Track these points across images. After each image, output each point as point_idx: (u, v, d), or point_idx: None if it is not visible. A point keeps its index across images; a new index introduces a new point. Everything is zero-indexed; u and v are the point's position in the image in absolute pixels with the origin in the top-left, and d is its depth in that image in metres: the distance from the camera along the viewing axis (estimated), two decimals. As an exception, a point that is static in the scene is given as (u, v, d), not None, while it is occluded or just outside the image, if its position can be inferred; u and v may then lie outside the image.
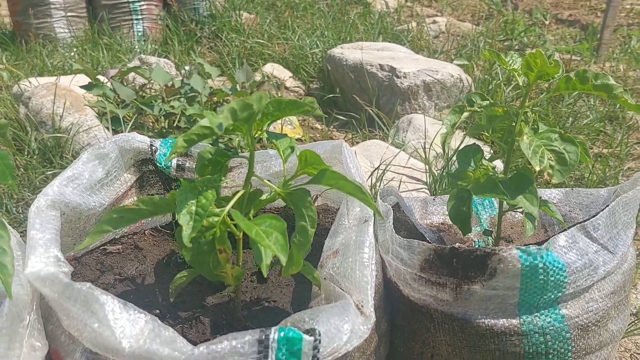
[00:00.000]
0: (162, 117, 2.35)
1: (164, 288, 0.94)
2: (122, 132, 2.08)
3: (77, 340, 0.73)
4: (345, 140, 2.66)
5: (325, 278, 0.87)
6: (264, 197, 0.84)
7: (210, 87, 2.51)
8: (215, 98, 2.48)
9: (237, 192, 0.80)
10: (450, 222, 1.11)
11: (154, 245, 1.00)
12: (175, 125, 2.35)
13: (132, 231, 1.01)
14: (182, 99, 2.47)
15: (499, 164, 2.20)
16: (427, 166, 1.98)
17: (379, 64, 2.55)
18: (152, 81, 2.58)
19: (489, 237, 1.07)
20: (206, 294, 0.94)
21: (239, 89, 2.59)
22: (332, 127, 2.67)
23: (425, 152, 2.00)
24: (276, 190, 0.80)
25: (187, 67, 3.08)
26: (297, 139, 2.56)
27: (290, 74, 3.08)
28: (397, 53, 2.73)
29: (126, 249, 0.97)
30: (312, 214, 0.77)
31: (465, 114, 0.89)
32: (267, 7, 4.21)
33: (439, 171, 2.05)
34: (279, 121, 2.54)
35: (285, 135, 0.84)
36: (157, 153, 0.96)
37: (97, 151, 0.92)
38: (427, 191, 1.94)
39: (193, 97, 2.51)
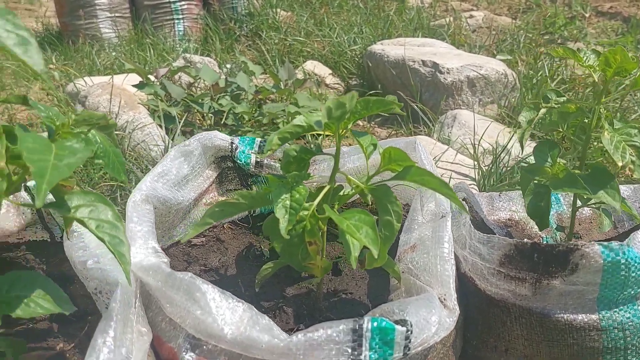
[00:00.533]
0: (210, 115, 2.40)
1: (246, 279, 0.98)
2: (174, 129, 2.14)
3: (180, 326, 0.77)
4: (390, 137, 2.68)
5: (403, 272, 0.90)
6: (346, 192, 0.87)
7: (255, 85, 2.56)
8: (260, 96, 2.52)
9: (323, 187, 0.83)
10: (517, 218, 1.13)
11: (233, 238, 1.04)
12: (222, 122, 2.40)
13: (211, 224, 1.05)
14: (227, 97, 2.53)
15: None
16: (475, 162, 1.99)
17: (422, 60, 2.57)
18: (198, 79, 2.64)
19: (557, 234, 1.08)
20: (285, 284, 0.98)
21: (282, 87, 2.64)
22: (373, 123, 2.69)
23: (474, 148, 2.00)
24: (360, 186, 0.83)
25: (228, 66, 3.14)
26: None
27: (330, 71, 3.11)
28: (438, 49, 2.74)
29: (209, 241, 1.01)
30: (397, 209, 0.80)
31: (543, 111, 0.91)
32: (301, 4, 4.24)
33: (486, 167, 2.06)
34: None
35: (367, 133, 0.87)
36: (237, 150, 1.00)
37: (182, 149, 0.97)
38: (476, 187, 1.95)
39: (237, 95, 2.56)
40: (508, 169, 2.03)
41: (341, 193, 0.89)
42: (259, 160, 1.01)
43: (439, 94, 2.51)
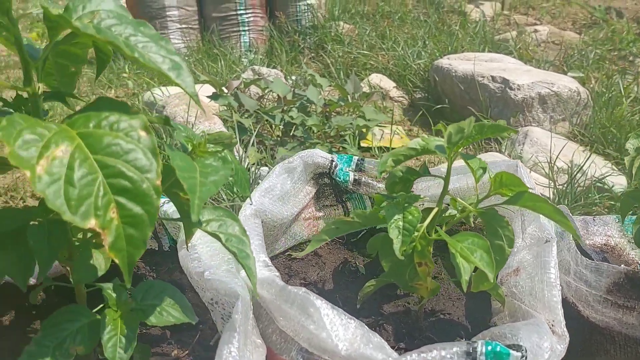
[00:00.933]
0: (280, 127, 2.45)
1: (343, 294, 1.00)
2: (248, 140, 2.19)
3: (292, 339, 0.80)
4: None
5: (507, 295, 0.91)
6: (452, 214, 0.88)
7: (324, 98, 2.60)
8: (328, 109, 2.56)
9: (431, 209, 0.85)
10: (613, 244, 1.11)
11: (330, 253, 1.06)
12: (291, 134, 2.45)
13: (308, 238, 1.08)
14: (295, 109, 2.58)
15: (619, 180, 2.14)
16: (550, 182, 1.96)
17: (491, 76, 2.55)
18: (268, 92, 2.70)
19: (655, 260, 1.06)
20: (382, 302, 1.00)
21: (349, 100, 2.66)
22: (440, 137, 2.68)
23: (550, 167, 1.98)
24: (470, 209, 0.84)
25: (293, 77, 3.19)
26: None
27: (394, 84, 3.12)
28: (507, 64, 2.71)
29: (307, 255, 1.04)
30: (509, 233, 0.81)
31: (654, 139, 0.90)
32: (363, 17, 4.28)
33: (560, 186, 2.02)
34: (388, 131, 2.59)
35: (475, 156, 0.88)
36: (336, 168, 1.03)
37: (286, 165, 1.00)
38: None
39: (305, 107, 2.60)
40: (584, 189, 1.99)
41: (446, 214, 0.91)
42: (356, 177, 1.04)
43: (509, 110, 2.49)
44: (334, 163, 1.03)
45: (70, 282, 0.83)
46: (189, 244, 0.87)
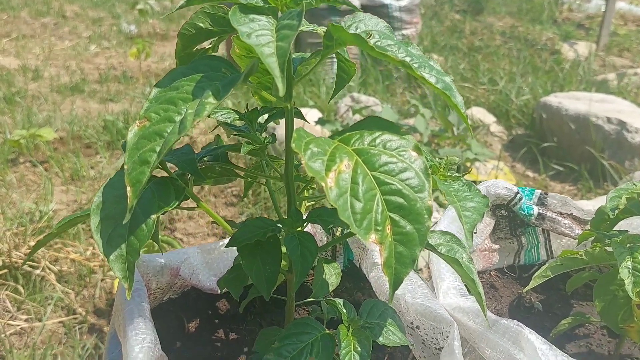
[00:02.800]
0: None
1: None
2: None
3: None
4: (564, 193, 2.60)
5: None
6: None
7: (431, 129, 2.59)
8: (436, 140, 2.55)
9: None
10: None
11: (504, 286, 1.04)
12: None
13: (481, 270, 1.07)
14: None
15: None
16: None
17: (606, 117, 2.48)
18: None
19: None
20: (563, 341, 0.96)
21: (455, 132, 2.65)
22: (545, 175, 2.62)
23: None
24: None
25: (390, 107, 3.21)
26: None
27: (494, 119, 3.09)
28: (621, 106, 2.64)
29: (484, 286, 1.02)
30: None
31: None
32: (451, 49, 4.28)
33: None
34: (491, 167, 2.55)
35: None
36: (521, 200, 1.01)
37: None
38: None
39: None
40: None
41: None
42: (541, 212, 1.02)
43: (623, 153, 2.41)
44: (518, 195, 1.01)
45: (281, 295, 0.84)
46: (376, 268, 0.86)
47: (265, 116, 0.78)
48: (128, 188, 0.58)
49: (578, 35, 4.87)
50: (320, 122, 2.48)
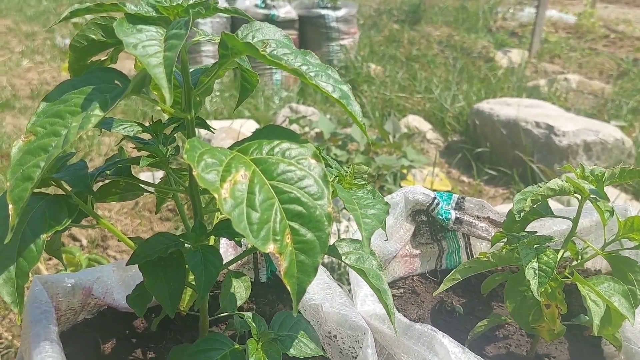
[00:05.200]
0: (324, 163, 2.47)
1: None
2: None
3: (419, 378, 0.78)
4: (497, 196, 2.67)
5: (623, 339, 0.89)
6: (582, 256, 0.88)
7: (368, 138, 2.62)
8: (373, 148, 2.57)
9: (554, 249, 0.84)
10: None
11: (426, 291, 1.05)
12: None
13: (403, 276, 1.07)
14: (332, 147, 2.60)
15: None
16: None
17: (535, 122, 2.57)
18: (309, 130, 2.72)
19: None
20: (483, 343, 0.98)
21: (391, 140, 2.69)
22: (479, 180, 2.69)
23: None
24: (598, 252, 0.83)
25: (328, 116, 3.22)
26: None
27: (430, 126, 3.15)
28: (549, 111, 2.74)
29: (406, 292, 1.03)
30: (640, 278, 0.80)
31: None
32: (390, 58, 4.34)
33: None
34: (427, 173, 2.60)
35: (604, 197, 0.88)
36: (438, 206, 1.03)
37: (389, 201, 1.00)
38: (605, 253, 1.91)
39: (345, 145, 2.62)
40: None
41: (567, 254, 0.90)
42: (458, 216, 1.03)
43: (552, 156, 2.50)
44: (435, 200, 1.03)
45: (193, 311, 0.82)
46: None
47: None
48: (10, 206, 0.55)
49: (511, 43, 5.05)
50: (257, 133, 2.46)
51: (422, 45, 4.87)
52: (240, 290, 0.72)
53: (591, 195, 0.77)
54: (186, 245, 0.67)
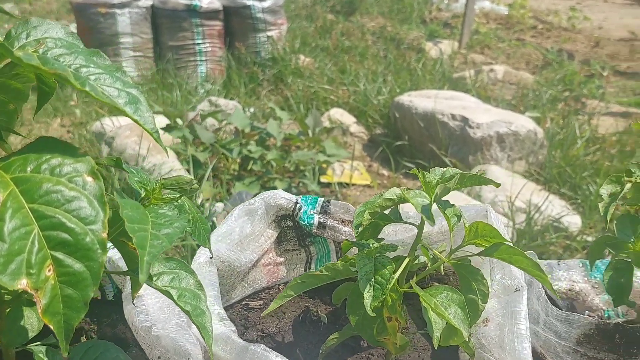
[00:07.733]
0: (237, 161, 2.39)
1: (303, 346, 0.93)
2: (204, 174, 2.11)
3: (251, 404, 0.73)
4: (414, 188, 2.66)
5: (476, 347, 0.86)
6: (422, 261, 0.84)
7: (284, 132, 2.55)
8: (289, 143, 2.51)
9: (400, 257, 0.80)
10: (577, 289, 1.09)
11: (290, 301, 0.99)
12: (249, 168, 2.38)
13: (267, 286, 1.02)
14: (252, 143, 2.52)
15: (574, 220, 2.16)
16: (509, 221, 1.96)
17: (451, 114, 2.57)
18: (226, 124, 2.63)
19: (618, 308, 1.04)
20: (345, 354, 0.93)
21: (311, 134, 2.63)
22: (398, 174, 2.67)
23: (510, 207, 1.98)
24: (444, 260, 0.79)
25: (252, 110, 3.14)
26: (366, 186, 2.58)
27: (355, 120, 3.12)
28: (467, 103, 2.74)
29: (266, 304, 0.97)
30: (484, 288, 0.77)
31: (628, 186, 0.88)
32: (322, 50, 4.29)
33: (519, 226, 2.03)
34: (348, 167, 2.56)
35: (452, 204, 0.84)
36: (300, 210, 0.97)
37: (247, 207, 0.94)
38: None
39: (264, 141, 2.55)
40: (541, 228, 2.00)
41: (415, 262, 0.86)
42: (321, 221, 0.98)
43: (467, 148, 2.51)
44: (297, 205, 0.97)
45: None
46: (136, 297, 0.79)
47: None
48: None
49: (444, 34, 5.08)
50: (167, 129, 2.37)
51: (356, 36, 4.83)
52: (32, 321, 0.64)
53: (423, 208, 0.72)
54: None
